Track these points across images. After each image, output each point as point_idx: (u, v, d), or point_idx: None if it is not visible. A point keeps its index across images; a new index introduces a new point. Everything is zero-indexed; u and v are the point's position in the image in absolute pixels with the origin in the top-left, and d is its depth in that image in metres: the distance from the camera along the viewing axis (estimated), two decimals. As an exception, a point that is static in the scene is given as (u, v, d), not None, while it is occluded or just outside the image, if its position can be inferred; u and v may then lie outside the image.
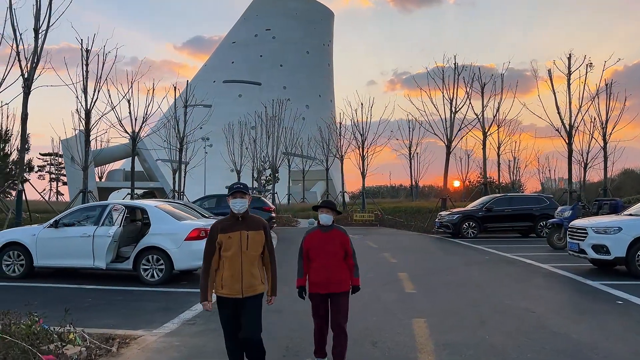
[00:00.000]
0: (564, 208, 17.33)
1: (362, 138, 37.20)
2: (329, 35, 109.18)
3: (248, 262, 4.53)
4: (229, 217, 4.66)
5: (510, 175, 46.16)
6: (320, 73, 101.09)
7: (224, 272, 4.54)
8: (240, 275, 4.50)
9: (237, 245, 4.49)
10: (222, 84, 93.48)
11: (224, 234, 4.55)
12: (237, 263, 4.49)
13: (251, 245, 4.53)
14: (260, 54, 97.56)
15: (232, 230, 4.54)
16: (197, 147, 41.91)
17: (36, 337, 5.48)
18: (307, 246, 5.12)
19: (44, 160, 70.74)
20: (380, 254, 15.22)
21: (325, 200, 5.31)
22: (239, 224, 4.57)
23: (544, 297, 8.79)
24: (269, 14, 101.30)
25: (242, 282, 4.50)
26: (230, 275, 4.51)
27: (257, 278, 4.59)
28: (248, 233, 4.54)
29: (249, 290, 4.52)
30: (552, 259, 13.60)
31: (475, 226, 20.72)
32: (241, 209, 4.57)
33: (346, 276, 5.10)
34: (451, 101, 28.05)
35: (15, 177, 18.23)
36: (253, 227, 4.60)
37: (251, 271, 4.53)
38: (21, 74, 16.81)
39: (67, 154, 36.94)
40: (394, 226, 28.59)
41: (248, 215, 4.65)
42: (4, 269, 10.65)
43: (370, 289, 9.53)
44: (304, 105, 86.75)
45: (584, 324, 7.00)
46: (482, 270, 12.09)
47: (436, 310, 7.83)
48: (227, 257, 4.52)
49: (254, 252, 4.57)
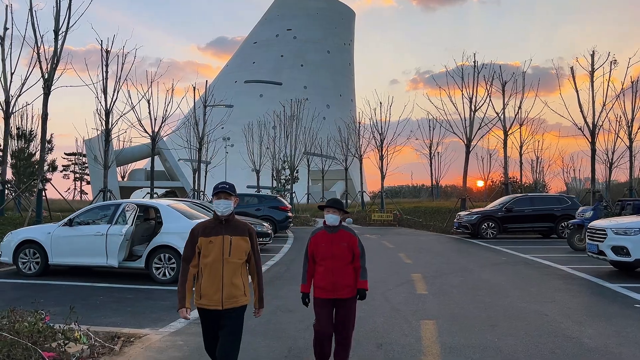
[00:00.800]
0: (585, 208, 16.94)
1: (381, 137, 37.00)
2: (350, 35, 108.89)
3: (230, 271, 4.11)
4: (212, 220, 4.28)
5: (533, 175, 45.42)
6: (341, 72, 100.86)
7: (202, 280, 4.13)
8: (221, 284, 4.08)
9: (219, 251, 4.09)
10: (243, 84, 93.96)
11: (204, 238, 4.16)
12: (217, 271, 4.08)
13: (234, 251, 4.12)
14: (281, 54, 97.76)
15: (214, 234, 4.14)
16: (218, 147, 42.18)
17: (40, 335, 5.52)
18: (313, 248, 4.85)
19: (68, 159, 72.12)
20: (395, 255, 15.07)
21: (331, 199, 4.99)
22: (222, 228, 4.16)
23: (558, 300, 8.57)
24: (290, 14, 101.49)
25: (222, 292, 4.08)
26: (209, 285, 4.09)
27: (240, 288, 4.17)
28: (231, 238, 4.13)
29: (229, 302, 4.11)
30: (571, 261, 13.28)
31: (494, 227, 20.41)
32: (225, 210, 4.17)
33: (353, 281, 4.81)
34: (470, 100, 27.69)
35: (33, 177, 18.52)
36: (237, 231, 4.18)
37: (233, 280, 4.12)
38: (41, 74, 17.11)
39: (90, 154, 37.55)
40: (413, 226, 28.33)
41: (233, 219, 4.24)
42: (20, 267, 10.81)
43: (381, 290, 9.44)
44: (324, 104, 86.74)
45: (598, 329, 6.79)
46: (497, 271, 11.86)
47: (446, 313, 7.68)
48: (206, 264, 4.11)
49: (237, 259, 4.15)
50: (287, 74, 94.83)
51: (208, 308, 4.13)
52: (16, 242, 10.88)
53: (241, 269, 4.22)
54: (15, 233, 11.30)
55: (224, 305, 4.10)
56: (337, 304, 4.80)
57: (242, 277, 4.22)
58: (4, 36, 19.32)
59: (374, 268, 12.45)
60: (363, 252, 4.88)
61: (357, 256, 4.82)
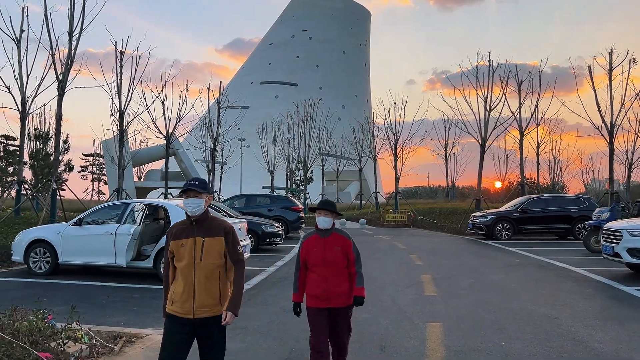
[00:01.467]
0: (602, 209, 16.59)
1: (395, 138, 36.75)
2: (365, 35, 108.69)
3: (203, 276, 3.72)
4: (184, 221, 3.90)
5: (550, 175, 44.76)
6: (357, 73, 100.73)
7: (176, 285, 3.78)
8: (192, 291, 3.69)
9: (190, 255, 3.71)
10: (259, 85, 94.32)
11: (176, 241, 3.79)
12: (189, 276, 3.71)
13: (207, 255, 3.72)
14: (296, 55, 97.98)
15: (184, 237, 3.77)
16: (233, 148, 42.35)
17: (41, 334, 5.51)
18: (304, 254, 4.51)
19: (86, 160, 73.01)
20: (407, 256, 14.91)
21: (323, 200, 4.66)
22: (193, 229, 3.78)
23: (570, 303, 8.36)
24: (306, 15, 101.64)
25: (193, 300, 3.69)
26: (181, 291, 3.73)
27: (214, 296, 3.75)
28: (203, 240, 3.73)
29: (202, 311, 3.70)
30: (586, 263, 13.00)
31: (509, 228, 20.10)
32: (195, 210, 3.77)
33: (350, 288, 4.49)
34: (485, 99, 27.36)
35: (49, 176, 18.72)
36: (211, 232, 3.77)
37: (206, 287, 3.71)
38: (55, 76, 17.29)
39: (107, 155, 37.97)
40: (427, 227, 28.08)
41: (207, 219, 3.83)
42: (31, 266, 10.90)
43: (389, 291, 9.32)
44: (340, 105, 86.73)
45: (609, 333, 6.59)
46: (509, 273, 11.65)
47: (453, 315, 7.53)
48: (179, 269, 3.78)
49: (211, 263, 3.74)
50: (302, 74, 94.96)
51: (178, 315, 3.73)
52: (27, 242, 10.97)
53: (218, 274, 3.79)
54: (26, 232, 11.40)
55: (196, 314, 3.69)
56: (332, 313, 4.47)
57: (220, 283, 3.79)
58: (20, 38, 19.57)
59: (384, 269, 12.33)
60: (358, 257, 4.55)
61: (352, 261, 4.49)
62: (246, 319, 7.30)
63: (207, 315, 3.72)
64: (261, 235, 15.73)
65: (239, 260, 3.86)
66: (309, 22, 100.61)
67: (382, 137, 38.78)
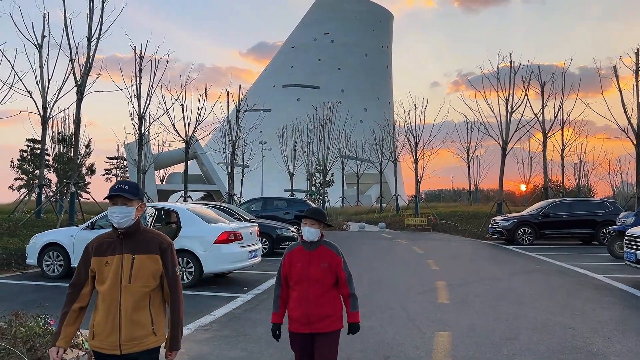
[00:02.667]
0: (627, 214, 16.07)
1: (415, 140, 36.34)
2: (388, 37, 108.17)
3: (130, 303, 3.00)
4: (110, 234, 3.15)
5: (575, 178, 43.78)
6: (379, 75, 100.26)
7: (97, 314, 3.05)
8: (118, 321, 2.98)
9: (116, 275, 3.01)
10: (281, 88, 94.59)
11: (99, 258, 3.07)
12: (113, 303, 3.00)
13: (137, 276, 3.02)
14: (318, 58, 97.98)
15: (110, 253, 3.07)
16: (255, 151, 42.50)
17: (40, 340, 5.48)
18: (286, 269, 3.85)
19: (110, 163, 74.07)
20: (423, 261, 14.64)
21: (311, 208, 3.98)
22: (120, 245, 3.07)
23: (588, 312, 8.03)
24: (328, 17, 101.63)
25: (119, 332, 2.98)
26: (104, 321, 3.00)
27: (145, 326, 3.04)
28: (133, 258, 3.04)
29: (130, 345, 3.00)
30: (609, 270, 12.57)
31: (530, 232, 19.64)
32: (123, 221, 3.04)
33: (334, 310, 3.80)
34: (507, 101, 26.85)
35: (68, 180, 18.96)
36: (143, 248, 3.07)
37: (135, 316, 3.01)
38: (74, 80, 17.52)
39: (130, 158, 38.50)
40: (447, 231, 27.66)
41: (137, 231, 3.11)
42: (44, 269, 10.99)
43: (400, 298, 9.12)
44: (362, 108, 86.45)
45: (627, 345, 6.28)
46: (527, 280, 11.31)
47: (465, 324, 7.29)
48: (101, 293, 3.05)
49: (142, 286, 3.03)
50: (324, 77, 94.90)
51: (103, 352, 3.05)
52: (40, 245, 11.07)
53: (150, 300, 3.08)
54: (40, 235, 11.50)
55: (123, 350, 3.00)
56: (315, 339, 3.78)
57: (152, 311, 3.08)
58: (41, 44, 19.90)
59: (399, 274, 12.12)
60: (350, 277, 3.88)
61: (344, 281, 3.84)
62: (250, 326, 7.20)
63: (138, 350, 3.04)
64: (275, 238, 15.66)
65: (177, 284, 3.15)
66: (331, 25, 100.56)
67: (403, 139, 38.45)
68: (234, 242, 10.30)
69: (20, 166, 51.26)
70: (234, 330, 7.02)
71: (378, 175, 45.62)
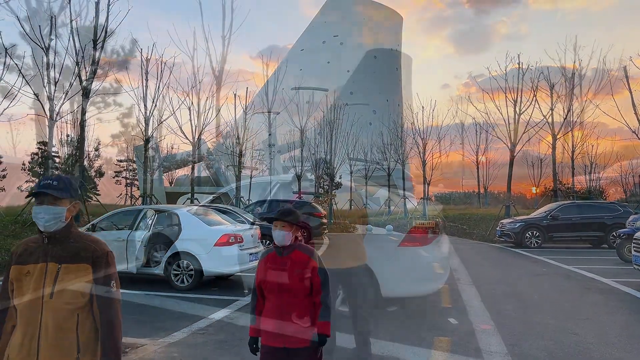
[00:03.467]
0: (636, 217, 15.82)
1: (423, 142, 36.11)
2: (397, 40, 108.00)
3: (52, 322, 2.44)
4: (36, 238, 2.59)
5: (586, 181, 43.21)
6: (388, 78, 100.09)
7: (15, 335, 2.49)
8: (37, 345, 2.42)
9: (37, 287, 2.45)
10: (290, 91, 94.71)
11: (20, 266, 2.52)
12: (32, 322, 2.44)
13: (61, 290, 2.46)
14: (327, 61, 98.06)
15: (33, 261, 2.50)
16: (263, 153, 42.49)
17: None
18: (260, 277, 3.48)
19: (120, 165, 74.40)
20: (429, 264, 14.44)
21: (281, 209, 3.59)
22: (46, 251, 2.51)
23: (593, 318, 7.84)
24: (337, 20, 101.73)
25: (37, 358, 2.42)
26: (20, 343, 2.45)
27: (70, 353, 2.46)
28: (59, 267, 2.48)
29: None
30: (617, 273, 12.33)
31: (539, 235, 19.37)
32: (49, 224, 2.49)
33: (312, 321, 3.42)
34: (515, 102, 26.59)
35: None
36: (72, 256, 2.50)
37: (57, 338, 2.44)
38: (79, 83, 17.58)
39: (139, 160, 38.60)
40: (456, 234, 27.39)
41: (68, 236, 2.55)
42: (46, 271, 10.95)
43: (400, 302, 8.97)
44: (371, 110, 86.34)
45: (631, 352, 6.10)
46: (533, 284, 11.11)
47: (464, 329, 7.14)
48: (20, 310, 2.48)
49: (68, 303, 2.47)
50: (333, 80, 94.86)
51: None
52: (42, 247, 11.04)
53: (79, 320, 2.50)
54: (42, 238, 11.48)
55: None
56: (290, 355, 3.35)
57: (80, 334, 2.50)
58: (48, 46, 19.97)
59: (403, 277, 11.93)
60: (326, 282, 3.46)
61: (318, 287, 3.42)
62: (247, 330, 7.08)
63: None
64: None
65: (111, 304, 2.57)
66: (340, 28, 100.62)
67: (410, 141, 38.23)
68: (235, 245, 10.22)
69: (31, 168, 51.63)
70: (229, 334, 6.92)
71: (386, 177, 45.38)
